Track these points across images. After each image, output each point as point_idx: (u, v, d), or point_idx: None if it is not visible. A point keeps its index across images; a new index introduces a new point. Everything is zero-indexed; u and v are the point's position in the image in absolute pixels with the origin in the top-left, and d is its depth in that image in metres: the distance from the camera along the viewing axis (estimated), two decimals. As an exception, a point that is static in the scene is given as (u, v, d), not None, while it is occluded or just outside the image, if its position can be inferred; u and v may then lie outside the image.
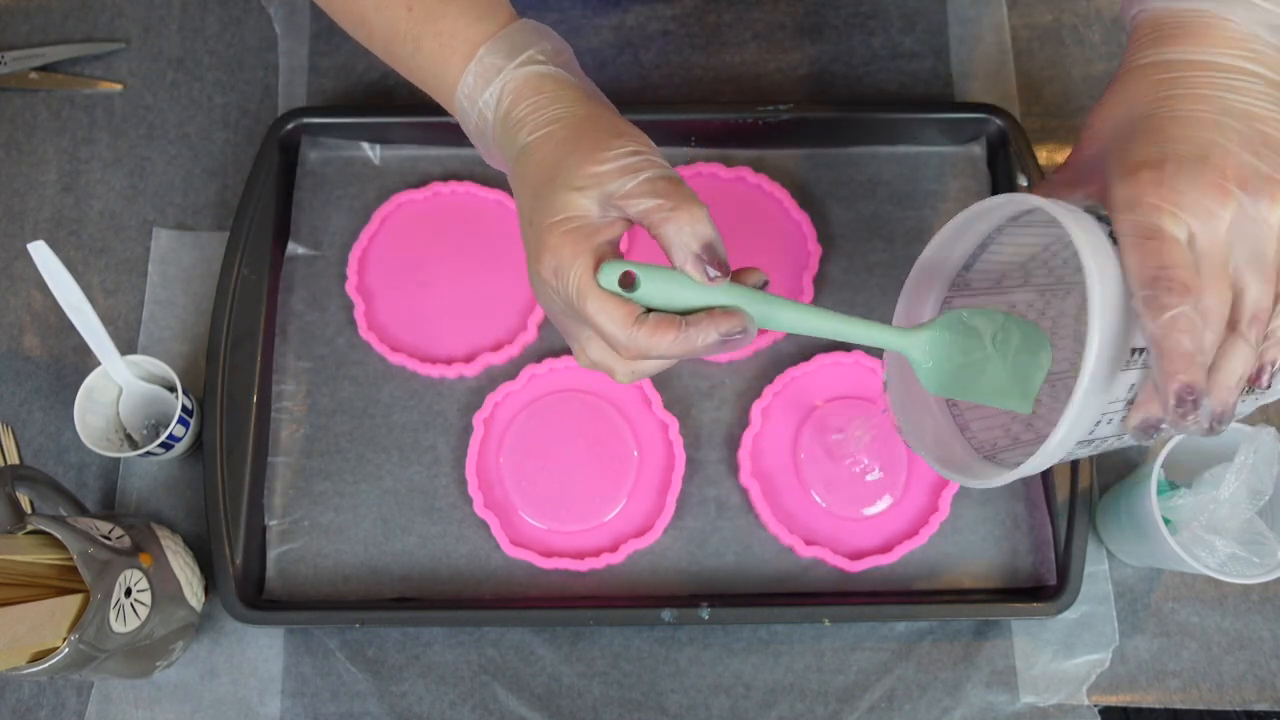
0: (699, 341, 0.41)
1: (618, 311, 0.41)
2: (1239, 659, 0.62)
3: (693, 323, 0.41)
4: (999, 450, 0.49)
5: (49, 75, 0.74)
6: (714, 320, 0.41)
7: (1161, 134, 0.41)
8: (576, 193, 0.42)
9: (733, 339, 0.41)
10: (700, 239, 0.41)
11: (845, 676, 0.62)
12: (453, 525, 0.63)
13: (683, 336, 0.41)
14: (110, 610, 0.52)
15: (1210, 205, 0.38)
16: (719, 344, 0.41)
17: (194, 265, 0.70)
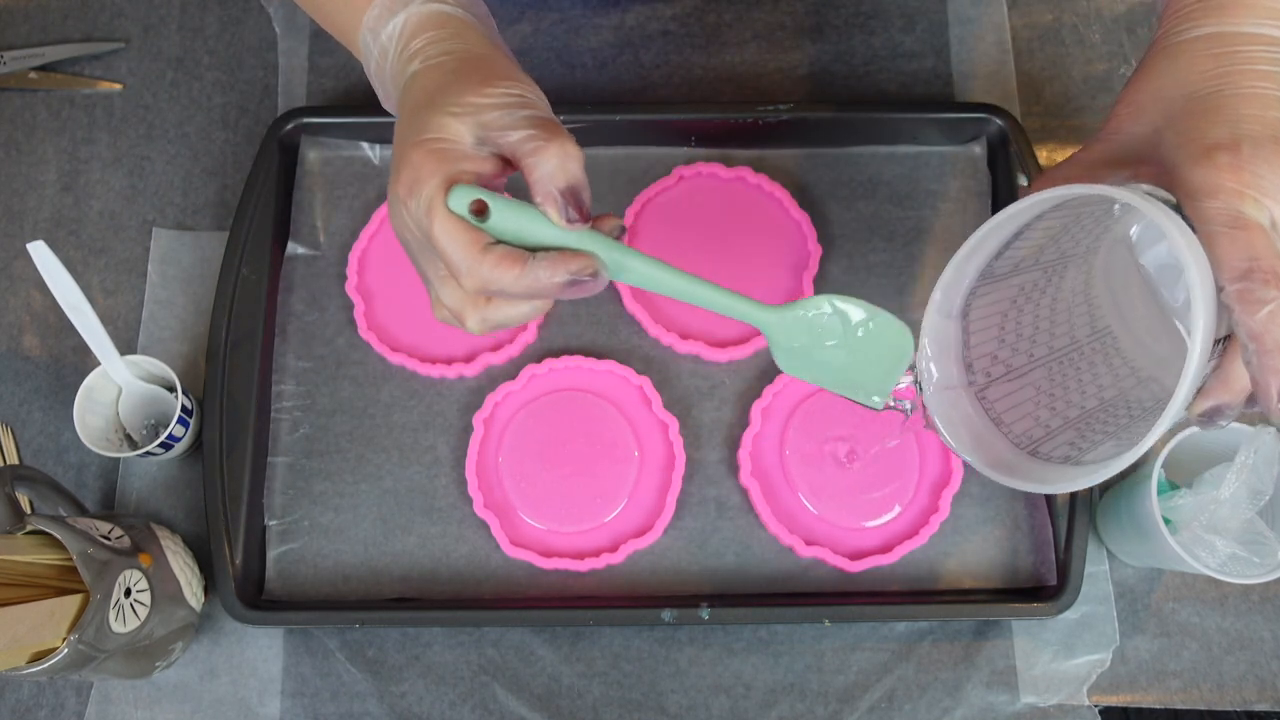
0: (545, 279, 0.40)
1: (463, 236, 0.39)
2: (1239, 659, 0.62)
3: (541, 260, 0.40)
4: (1036, 443, 0.48)
5: (49, 75, 0.74)
6: (564, 259, 0.40)
7: (1229, 112, 0.39)
8: (451, 117, 0.41)
9: (581, 281, 0.40)
10: (567, 178, 0.40)
11: (845, 676, 0.62)
12: (453, 525, 0.63)
13: (528, 272, 0.39)
14: (110, 610, 0.52)
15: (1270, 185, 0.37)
16: (566, 284, 0.40)
17: (194, 265, 0.70)
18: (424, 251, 0.42)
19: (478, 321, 0.43)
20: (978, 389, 0.49)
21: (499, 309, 0.43)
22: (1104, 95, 0.74)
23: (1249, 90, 0.40)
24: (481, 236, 0.40)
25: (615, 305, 0.67)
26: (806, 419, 0.64)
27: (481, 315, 0.43)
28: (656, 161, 0.70)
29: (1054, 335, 0.48)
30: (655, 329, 0.66)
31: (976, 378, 0.49)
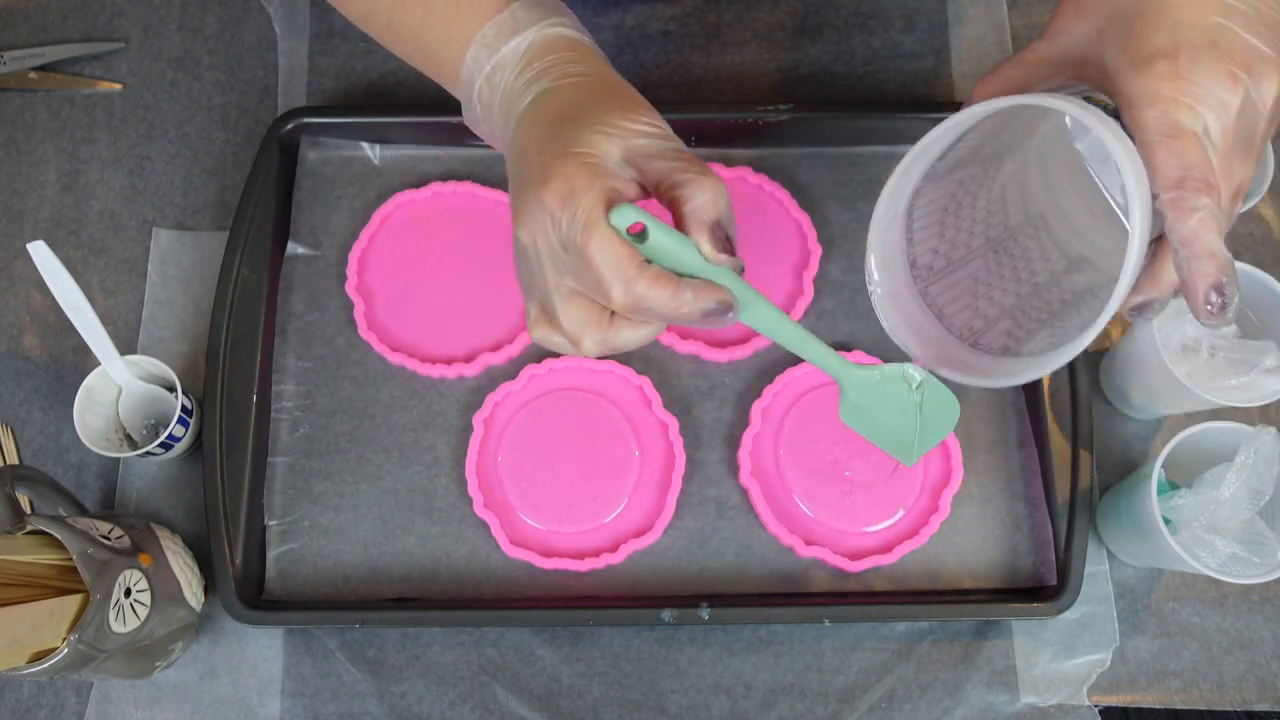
0: (691, 304, 0.40)
1: (622, 250, 0.39)
2: (1239, 659, 0.62)
3: (690, 285, 0.40)
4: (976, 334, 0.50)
5: (49, 75, 0.74)
6: (711, 289, 0.40)
7: (1168, 17, 0.40)
8: (601, 135, 0.41)
9: (715, 315, 0.41)
10: (718, 212, 0.40)
11: (845, 676, 0.62)
12: (453, 525, 0.63)
13: (678, 294, 0.40)
14: (110, 610, 0.52)
15: (1224, 96, 0.38)
16: (703, 315, 0.41)
17: (194, 265, 0.70)
18: (556, 263, 0.41)
19: (597, 342, 0.43)
20: (921, 286, 0.51)
21: (620, 331, 0.42)
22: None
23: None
24: (638, 254, 0.40)
25: (615, 305, 0.67)
26: (804, 420, 0.64)
27: (603, 336, 0.42)
28: (656, 161, 0.70)
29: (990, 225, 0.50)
30: (655, 329, 0.66)
31: (920, 273, 0.51)
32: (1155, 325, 0.56)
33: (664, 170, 0.41)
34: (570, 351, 0.44)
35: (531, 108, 0.44)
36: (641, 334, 0.43)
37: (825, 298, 0.67)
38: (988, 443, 0.64)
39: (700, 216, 0.40)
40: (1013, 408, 0.65)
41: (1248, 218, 0.70)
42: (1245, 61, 0.39)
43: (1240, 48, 0.39)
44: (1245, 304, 0.59)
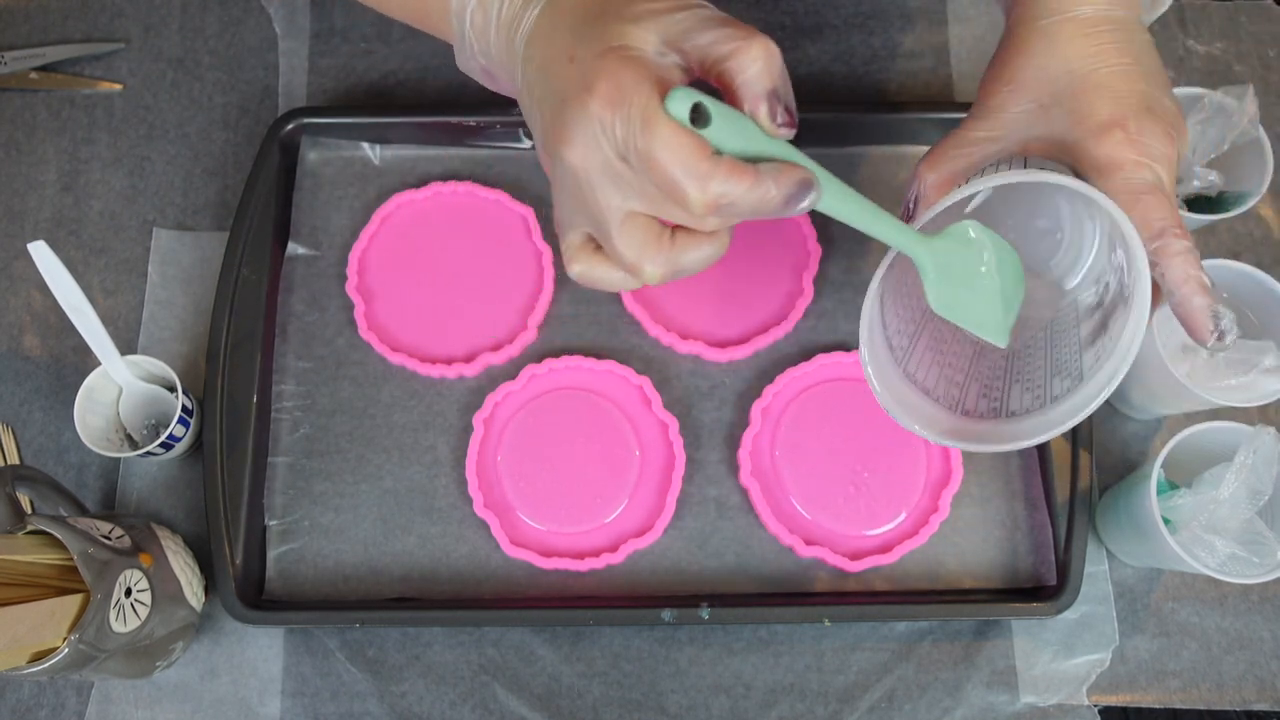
0: (774, 191, 0.36)
1: (691, 143, 0.35)
2: (1239, 659, 0.62)
3: (770, 170, 0.36)
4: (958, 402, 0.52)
5: (49, 75, 0.74)
6: (791, 169, 0.36)
7: (1107, 90, 0.44)
8: (631, 24, 0.37)
9: (797, 199, 0.36)
10: (773, 79, 0.36)
11: (845, 676, 0.62)
12: (453, 525, 0.63)
13: (759, 184, 0.36)
14: (110, 610, 0.52)
15: (1167, 152, 0.43)
16: (785, 201, 0.36)
17: (194, 265, 0.70)
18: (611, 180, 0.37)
19: (664, 263, 0.38)
20: (901, 366, 0.52)
21: (686, 250, 0.38)
22: (1104, 95, 0.73)
23: (1121, 68, 0.44)
24: (706, 144, 0.35)
25: (615, 305, 0.67)
26: (804, 420, 0.64)
27: (668, 257, 0.38)
28: (656, 161, 0.70)
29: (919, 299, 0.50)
30: (655, 329, 0.66)
31: (897, 354, 0.52)
32: (1155, 325, 0.57)
33: (706, 45, 0.37)
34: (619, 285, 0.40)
35: (544, 19, 0.40)
36: (708, 250, 0.39)
37: (825, 298, 0.67)
38: (987, 443, 0.64)
39: (754, 89, 0.36)
40: (1012, 408, 0.65)
41: (1248, 218, 0.70)
42: (1174, 121, 0.44)
43: (1167, 108, 0.44)
44: (1245, 304, 0.59)
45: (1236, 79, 0.74)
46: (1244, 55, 0.74)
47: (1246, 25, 0.75)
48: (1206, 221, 0.60)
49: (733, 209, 0.36)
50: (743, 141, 0.36)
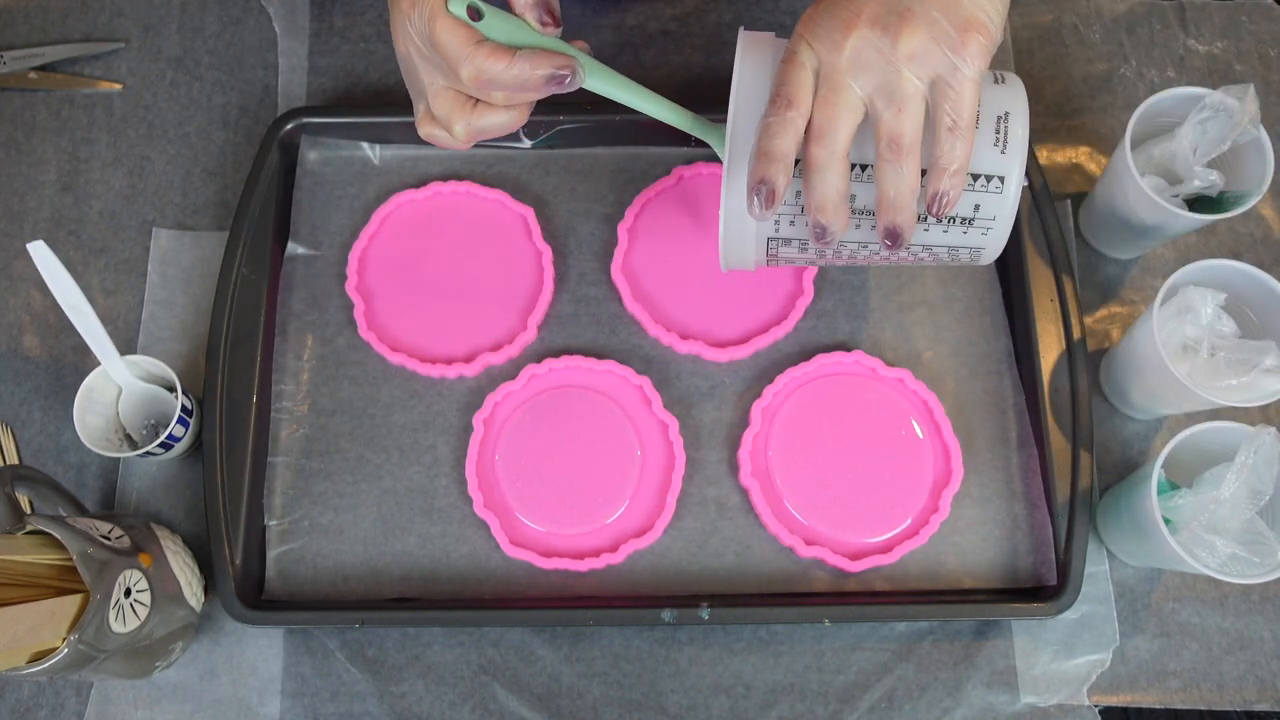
0: (529, 70, 0.45)
1: (461, 32, 0.45)
2: (1239, 659, 0.62)
3: (526, 53, 0.45)
4: None
5: (48, 75, 0.74)
6: (546, 55, 0.45)
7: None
8: None
9: (557, 80, 0.46)
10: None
11: (845, 676, 0.62)
12: (453, 525, 0.63)
13: (516, 63, 0.45)
14: (110, 610, 0.52)
15: (835, 36, 0.44)
16: (548, 78, 0.45)
17: (194, 265, 0.70)
18: (424, 61, 0.47)
19: (464, 127, 0.48)
20: None
21: (483, 115, 0.48)
22: (1104, 95, 0.74)
23: None
24: (476, 34, 0.45)
25: (616, 305, 0.67)
26: (804, 420, 0.64)
27: (468, 120, 0.48)
28: (656, 161, 0.70)
29: None
30: (655, 329, 0.66)
31: None
32: (1155, 325, 0.56)
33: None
34: (448, 141, 0.50)
35: None
36: (501, 118, 0.48)
37: (825, 298, 0.67)
38: (988, 443, 0.64)
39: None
40: (1013, 408, 0.65)
41: (1248, 218, 0.70)
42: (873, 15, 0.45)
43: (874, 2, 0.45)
44: (1245, 304, 0.59)
45: (1237, 79, 0.74)
46: (1244, 55, 0.74)
47: (1247, 25, 0.75)
48: (1206, 221, 0.60)
49: (496, 83, 0.46)
50: (518, 36, 0.46)
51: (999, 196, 0.49)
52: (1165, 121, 0.62)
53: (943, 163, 0.45)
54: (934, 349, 0.66)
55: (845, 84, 0.44)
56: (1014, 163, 0.48)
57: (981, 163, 0.48)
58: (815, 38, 0.45)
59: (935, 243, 0.51)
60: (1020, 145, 0.48)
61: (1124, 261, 0.70)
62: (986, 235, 0.51)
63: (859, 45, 0.44)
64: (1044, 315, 0.64)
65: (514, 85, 0.46)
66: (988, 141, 0.48)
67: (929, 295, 0.67)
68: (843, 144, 0.45)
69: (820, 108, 0.45)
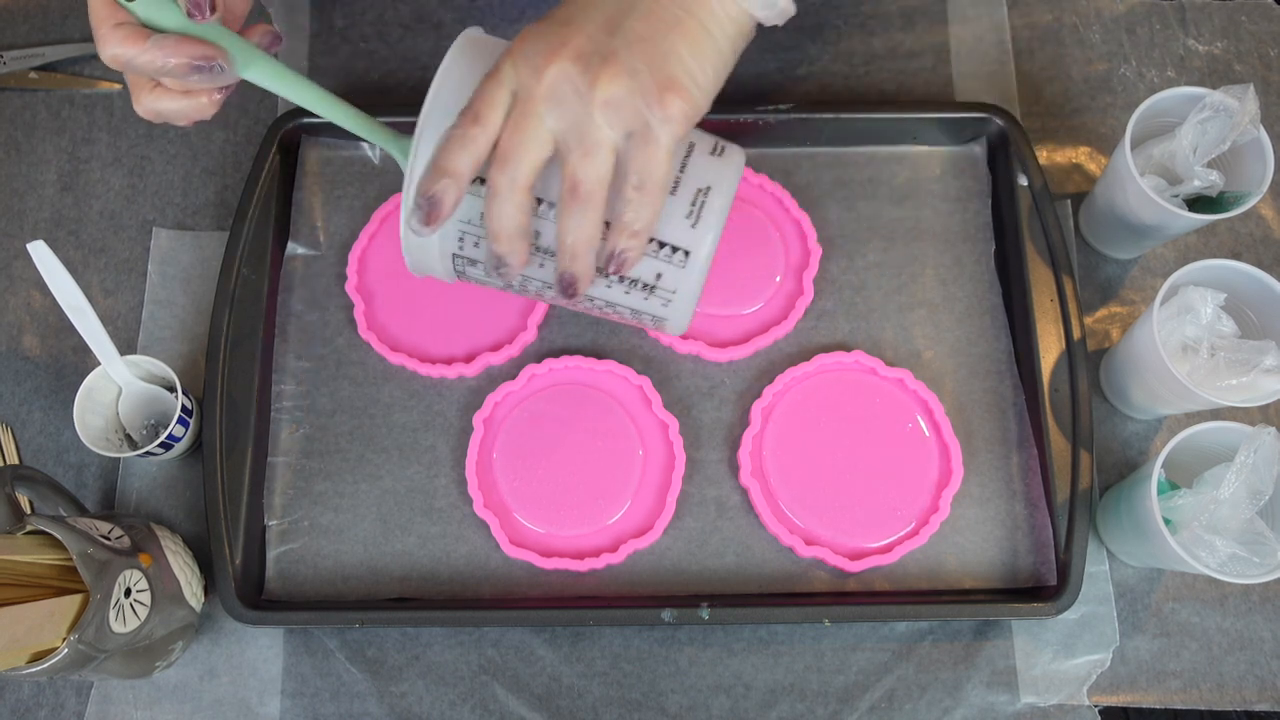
0: (166, 58, 0.43)
1: (101, 13, 0.44)
2: (1239, 659, 0.62)
3: (161, 39, 0.43)
4: None
5: (49, 75, 0.74)
6: (183, 43, 0.43)
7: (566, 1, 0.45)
8: None
9: (202, 70, 0.44)
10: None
11: (845, 676, 0.62)
12: (452, 525, 0.63)
13: (148, 49, 0.43)
14: (110, 610, 0.52)
15: (538, 62, 0.42)
16: (187, 66, 0.43)
17: (194, 265, 0.70)
18: None
19: (144, 109, 0.47)
20: None
21: (159, 99, 0.46)
22: (1104, 95, 0.74)
23: None
24: (118, 15, 0.44)
25: (615, 305, 0.67)
26: (804, 420, 0.64)
27: (144, 103, 0.47)
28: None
29: None
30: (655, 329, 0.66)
31: None
32: (1155, 325, 0.56)
33: None
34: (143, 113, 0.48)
35: None
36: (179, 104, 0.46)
37: (825, 298, 0.67)
38: (988, 443, 0.64)
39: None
40: (1013, 408, 0.65)
41: (1248, 218, 0.70)
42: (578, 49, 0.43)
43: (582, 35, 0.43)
44: (1245, 304, 0.59)
45: (1237, 79, 0.74)
46: (1244, 55, 0.74)
47: (1247, 25, 0.75)
48: (1206, 221, 0.60)
49: (133, 67, 0.44)
50: (165, 20, 0.44)
51: (682, 271, 0.47)
52: (1165, 121, 0.62)
53: (624, 221, 0.43)
54: (934, 349, 0.66)
55: (537, 113, 0.42)
56: (704, 239, 0.46)
57: (670, 232, 0.46)
58: (521, 58, 0.43)
59: (617, 301, 0.49)
60: (715, 222, 0.46)
61: (1124, 261, 0.70)
62: (667, 307, 0.49)
63: (558, 78, 0.42)
64: (1044, 315, 0.64)
65: (153, 71, 0.44)
66: (681, 211, 0.46)
67: (929, 295, 0.67)
68: (524, 174, 0.43)
69: (508, 133, 0.42)
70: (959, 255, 0.68)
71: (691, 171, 0.47)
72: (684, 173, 0.47)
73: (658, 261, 0.47)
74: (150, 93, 0.46)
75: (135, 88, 0.47)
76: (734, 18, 0.44)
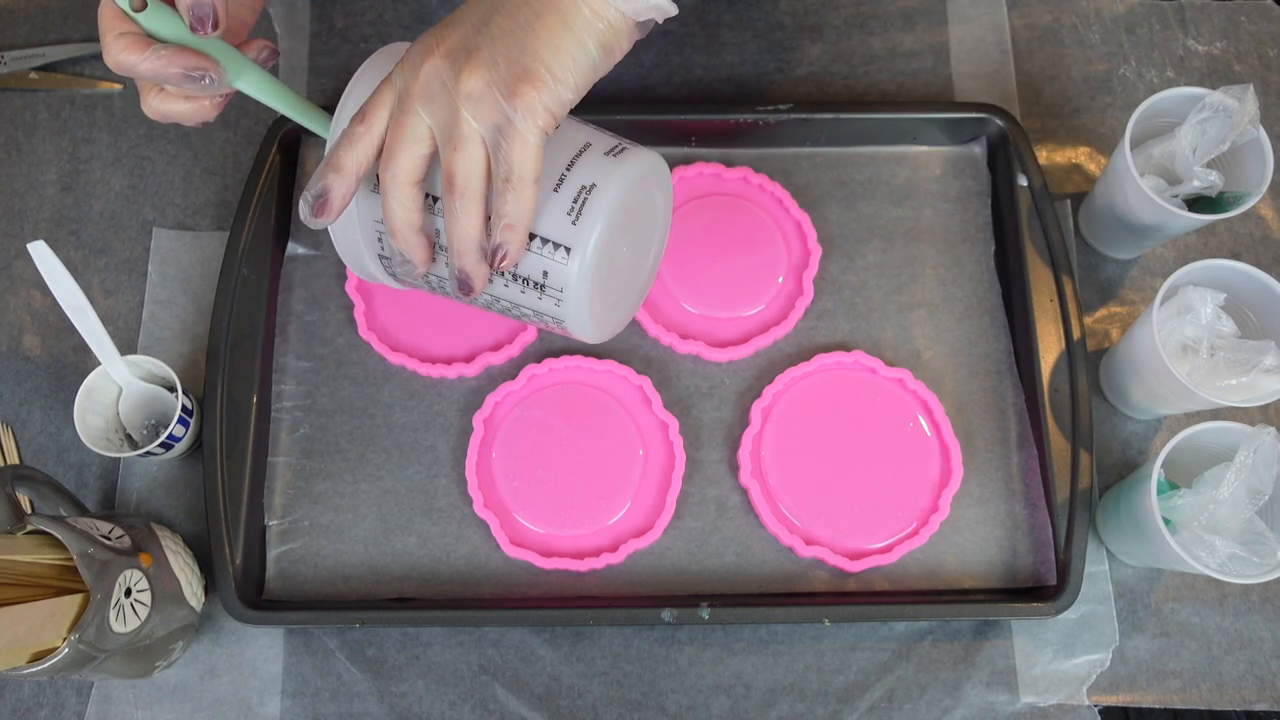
0: (164, 67, 0.45)
1: (108, 22, 0.45)
2: (1239, 659, 0.62)
3: (160, 49, 0.45)
4: None
5: (49, 75, 0.74)
6: (180, 53, 0.45)
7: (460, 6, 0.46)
8: None
9: (195, 79, 0.45)
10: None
11: (845, 676, 0.62)
12: (453, 525, 0.63)
13: (147, 57, 0.44)
14: (110, 610, 0.52)
15: (416, 62, 0.44)
16: (182, 75, 0.45)
17: (194, 265, 0.70)
18: None
19: (150, 109, 0.48)
20: None
21: (165, 101, 0.48)
22: (1103, 95, 0.74)
23: None
24: (125, 26, 0.45)
25: (615, 305, 0.67)
26: (803, 420, 0.64)
27: (148, 102, 0.48)
28: (656, 161, 0.70)
29: None
30: (655, 329, 0.66)
31: None
32: (1155, 325, 0.57)
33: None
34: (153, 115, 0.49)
35: None
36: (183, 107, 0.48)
37: (825, 298, 0.67)
38: (988, 443, 0.64)
39: None
40: (1013, 408, 0.65)
41: (1248, 218, 0.70)
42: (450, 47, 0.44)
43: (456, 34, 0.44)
44: (1245, 304, 0.59)
45: (1236, 79, 0.74)
46: (1244, 55, 0.74)
47: (1246, 25, 0.75)
48: (1206, 221, 0.60)
49: (135, 74, 0.45)
50: (170, 31, 0.46)
51: (565, 267, 0.47)
52: (1165, 122, 0.62)
53: (499, 213, 0.44)
54: (934, 349, 0.66)
55: (414, 110, 0.44)
56: (585, 236, 0.47)
57: (548, 227, 0.47)
58: (406, 60, 0.45)
59: (516, 300, 0.50)
60: (597, 219, 0.46)
61: (1124, 261, 0.70)
62: (560, 306, 0.49)
63: (430, 75, 0.43)
64: (1044, 315, 0.64)
65: (152, 78, 0.46)
66: (562, 208, 0.47)
67: (929, 295, 0.67)
68: (405, 170, 0.44)
69: (391, 131, 0.44)
70: (959, 255, 0.68)
71: (579, 169, 0.47)
72: (570, 170, 0.47)
73: (542, 258, 0.47)
74: (156, 95, 0.48)
75: (142, 90, 0.48)
76: (599, 12, 0.45)
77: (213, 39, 0.46)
